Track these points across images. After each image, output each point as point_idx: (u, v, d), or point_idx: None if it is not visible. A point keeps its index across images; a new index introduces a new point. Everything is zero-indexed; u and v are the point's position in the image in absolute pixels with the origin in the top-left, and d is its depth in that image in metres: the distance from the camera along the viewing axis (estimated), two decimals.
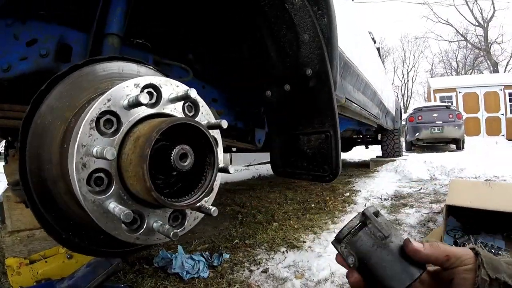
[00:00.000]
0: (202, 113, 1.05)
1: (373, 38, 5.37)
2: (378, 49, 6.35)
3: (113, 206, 0.83)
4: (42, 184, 0.92)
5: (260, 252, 2.46)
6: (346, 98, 2.59)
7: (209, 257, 2.23)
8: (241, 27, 1.94)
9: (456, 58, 42.32)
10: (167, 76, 1.15)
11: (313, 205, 3.87)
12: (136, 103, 0.83)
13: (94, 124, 0.83)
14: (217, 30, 2.11)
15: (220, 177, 1.14)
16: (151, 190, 0.78)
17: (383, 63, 7.33)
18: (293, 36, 1.71)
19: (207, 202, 1.10)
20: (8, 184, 2.50)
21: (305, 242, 2.61)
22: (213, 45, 2.27)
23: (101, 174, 0.85)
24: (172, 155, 0.84)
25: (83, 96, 0.99)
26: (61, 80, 0.98)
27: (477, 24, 34.23)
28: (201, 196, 0.92)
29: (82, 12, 1.66)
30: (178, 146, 0.85)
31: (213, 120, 1.02)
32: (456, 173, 5.45)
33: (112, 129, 0.86)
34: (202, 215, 1.05)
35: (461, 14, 35.14)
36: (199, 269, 2.06)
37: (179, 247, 2.26)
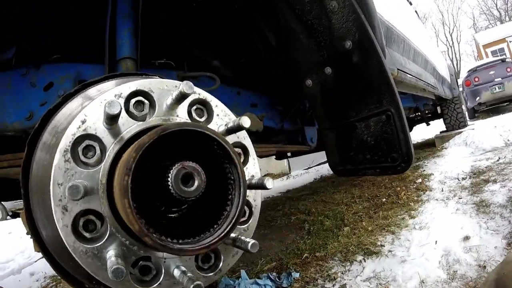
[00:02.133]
0: (217, 114, 0.81)
1: (408, 0, 4.85)
2: (416, 11, 5.77)
3: (109, 256, 0.62)
4: (51, 234, 0.74)
5: (333, 264, 2.15)
6: (398, 69, 2.22)
7: (277, 279, 1.99)
8: (262, 17, 1.72)
9: (496, 5, 38.81)
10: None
11: (384, 199, 3.45)
12: (112, 117, 0.61)
13: (69, 155, 0.63)
14: (238, 27, 1.91)
15: (260, 195, 0.89)
16: (143, 233, 0.56)
17: (424, 27, 6.66)
18: (319, 8, 1.46)
19: (247, 231, 0.84)
20: (26, 234, 2.53)
21: (384, 246, 2.25)
22: (237, 45, 2.07)
23: (91, 217, 0.64)
24: (169, 179, 0.60)
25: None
26: (55, 113, 0.81)
27: None
28: (227, 229, 0.67)
29: (94, 44, 1.59)
30: (176, 165, 0.61)
31: (243, 117, 0.76)
32: None
33: (95, 157, 0.65)
34: (242, 251, 0.80)
35: None
36: None
37: (242, 271, 2.03)
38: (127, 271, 0.62)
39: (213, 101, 0.82)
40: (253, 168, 0.86)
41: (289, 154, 4.07)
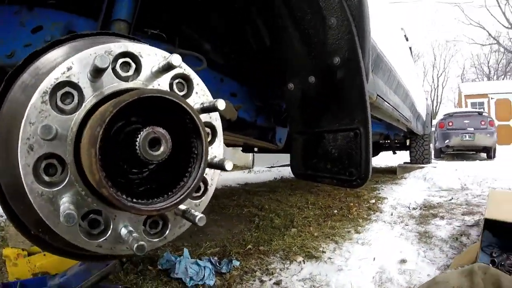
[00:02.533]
0: (196, 92, 0.85)
1: (405, 35, 5.02)
2: (410, 48, 5.99)
3: (62, 202, 0.64)
4: (9, 173, 0.74)
5: (274, 260, 2.23)
6: (377, 95, 2.33)
7: (217, 263, 2.03)
8: (260, 15, 1.75)
9: (488, 63, 40.96)
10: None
11: (336, 211, 3.60)
12: (98, 70, 0.63)
13: (47, 97, 0.64)
14: (234, 17, 1.93)
15: (218, 175, 0.93)
16: (102, 185, 0.58)
17: (414, 64, 6.94)
18: (319, 21, 1.51)
19: (198, 206, 0.88)
20: None
21: (325, 252, 2.36)
22: (230, 34, 2.08)
23: (53, 161, 0.66)
24: (137, 140, 0.63)
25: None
26: (40, 55, 0.81)
27: (509, 26, 32.67)
28: (180, 199, 0.70)
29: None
30: (147, 128, 0.64)
31: (219, 101, 0.80)
32: (489, 183, 5.01)
33: (72, 105, 0.67)
34: (189, 223, 0.84)
35: (493, 16, 33.30)
36: (204, 276, 1.86)
37: (185, 250, 2.07)
38: (78, 216, 0.64)
39: (195, 79, 0.85)
40: (217, 149, 0.90)
41: (255, 149, 4.13)
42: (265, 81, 2.29)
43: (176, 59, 0.70)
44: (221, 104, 0.78)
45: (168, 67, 0.71)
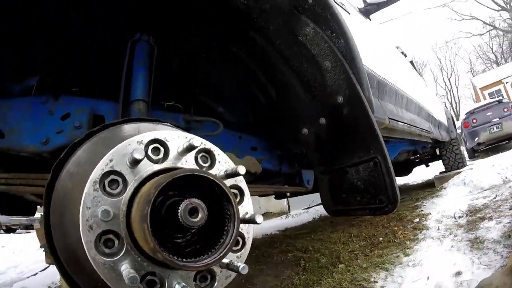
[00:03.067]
0: (219, 161, 1.00)
1: (402, 52, 5.13)
2: (411, 62, 6.06)
3: (123, 269, 0.77)
4: (68, 248, 0.89)
5: None
6: (389, 118, 2.42)
7: None
8: (263, 73, 1.92)
9: (492, 49, 40.15)
10: (187, 131, 1.11)
11: (381, 238, 3.53)
12: (136, 161, 0.79)
13: (97, 185, 0.80)
14: (240, 79, 2.12)
15: (252, 229, 1.05)
16: (156, 250, 0.72)
17: (420, 75, 6.92)
18: (315, 67, 1.66)
19: (240, 258, 1.00)
20: (40, 247, 2.63)
21: (377, 282, 2.33)
22: (242, 96, 2.27)
23: (111, 236, 0.81)
24: (179, 211, 0.77)
25: (98, 159, 0.98)
26: (78, 147, 0.99)
27: (500, 8, 32.46)
28: (222, 254, 0.84)
29: (110, 83, 1.79)
30: (185, 201, 0.78)
31: (240, 166, 0.95)
32: None
33: (118, 189, 0.83)
34: (235, 273, 0.95)
35: (482, 4, 33.62)
36: None
37: None
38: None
39: (216, 151, 1.00)
40: (247, 206, 1.03)
41: (288, 194, 4.21)
42: (280, 131, 2.43)
43: (196, 140, 0.87)
44: (241, 169, 0.93)
45: (191, 147, 0.87)
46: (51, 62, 1.81)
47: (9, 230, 12.72)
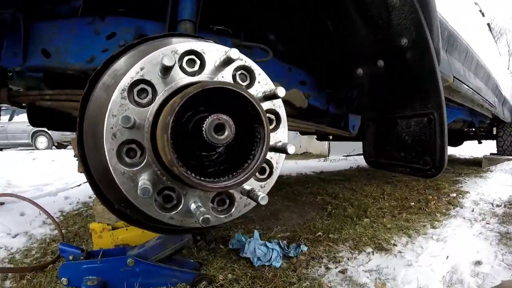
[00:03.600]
0: (259, 82, 0.91)
1: (480, 10, 4.49)
2: (488, 24, 5.32)
3: (141, 179, 0.75)
4: (95, 157, 0.89)
5: (343, 249, 2.23)
6: (454, 77, 2.17)
7: (286, 247, 2.10)
8: (323, 5, 1.74)
9: None
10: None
11: (413, 203, 3.42)
12: (166, 68, 0.73)
13: (125, 93, 0.76)
14: (298, 7, 1.94)
15: (283, 159, 0.98)
16: (173, 164, 0.69)
17: (495, 43, 6.10)
18: (380, 2, 1.48)
19: (264, 187, 0.95)
20: (74, 156, 2.77)
21: (396, 246, 2.29)
22: (294, 24, 2.10)
23: (133, 146, 0.79)
24: (204, 126, 0.72)
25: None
26: (117, 59, 0.95)
27: None
28: (242, 179, 0.79)
29: (157, 3, 1.72)
30: (212, 115, 0.72)
31: (279, 88, 0.85)
32: None
33: (147, 99, 0.78)
34: (254, 203, 0.91)
35: None
36: (271, 257, 1.94)
37: (255, 232, 2.17)
38: (153, 192, 0.75)
39: (257, 70, 0.91)
40: (281, 134, 0.96)
41: (330, 137, 4.10)
42: (333, 68, 2.27)
43: (234, 53, 0.77)
44: (280, 91, 0.83)
45: (228, 60, 0.79)
46: None
47: (60, 146, 13.80)
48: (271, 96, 0.85)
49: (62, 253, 1.76)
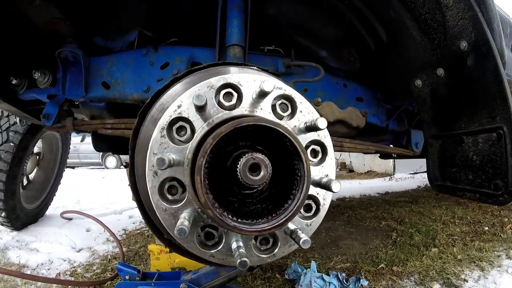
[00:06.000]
0: (301, 111, 0.85)
1: None
2: None
3: (181, 217, 0.74)
4: (145, 189, 0.91)
5: (407, 284, 2.04)
6: None
7: (344, 280, 1.98)
8: (371, 10, 1.67)
9: None
10: (275, 75, 0.99)
11: (487, 228, 3.07)
12: (199, 107, 0.72)
13: (165, 131, 0.77)
14: (345, 18, 1.88)
15: (331, 195, 0.89)
16: (207, 207, 0.67)
17: None
18: (432, 2, 1.36)
19: (310, 226, 0.88)
20: (128, 185, 2.94)
21: (467, 281, 2.04)
22: (345, 37, 2.04)
23: (175, 183, 0.78)
24: (238, 166, 0.69)
25: None
26: (163, 92, 0.97)
27: None
28: (282, 221, 0.74)
29: (207, 30, 1.80)
30: (246, 155, 0.69)
31: (319, 119, 0.78)
32: None
33: (186, 136, 0.78)
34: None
35: None
36: None
37: (313, 262, 2.08)
38: (191, 231, 0.74)
39: (298, 98, 0.85)
40: (328, 168, 0.88)
41: (394, 154, 3.87)
42: (390, 81, 2.15)
43: (267, 85, 0.73)
44: (321, 123, 0.77)
45: (263, 93, 0.75)
46: (151, 17, 1.90)
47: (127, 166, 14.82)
48: (313, 128, 0.80)
49: (119, 272, 1.83)
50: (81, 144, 14.48)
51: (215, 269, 1.70)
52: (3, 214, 2.91)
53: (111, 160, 14.62)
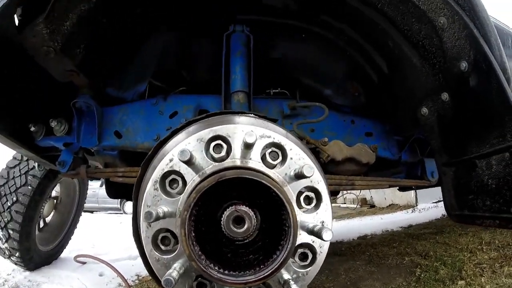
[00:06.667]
0: (291, 158, 0.86)
1: None
2: None
3: (173, 268, 0.75)
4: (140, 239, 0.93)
5: None
6: None
7: None
8: (370, 43, 1.69)
9: None
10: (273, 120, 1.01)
11: None
12: (186, 162, 0.75)
13: (157, 185, 0.80)
14: (345, 56, 1.92)
15: (328, 243, 0.87)
16: (191, 258, 0.69)
17: None
18: (427, 27, 1.36)
19: (306, 275, 0.85)
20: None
21: None
22: (348, 74, 2.07)
23: (168, 235, 0.80)
24: (222, 218, 0.71)
25: None
26: (164, 143, 1.01)
27: None
28: (267, 273, 0.73)
29: (214, 78, 1.87)
30: (230, 208, 0.71)
31: (306, 166, 0.79)
32: None
33: (178, 189, 0.81)
34: None
35: None
36: None
37: None
38: (183, 281, 0.76)
39: (288, 145, 0.86)
40: (323, 214, 0.87)
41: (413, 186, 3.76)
42: (397, 112, 2.12)
43: (249, 138, 0.74)
44: (307, 170, 0.78)
45: (247, 144, 0.77)
46: (161, 70, 2.00)
47: None
48: (301, 175, 0.80)
49: None
50: (100, 189, 14.67)
51: None
52: (17, 254, 2.97)
53: (130, 205, 14.73)
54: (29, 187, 2.89)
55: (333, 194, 4.55)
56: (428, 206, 7.33)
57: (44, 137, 2.00)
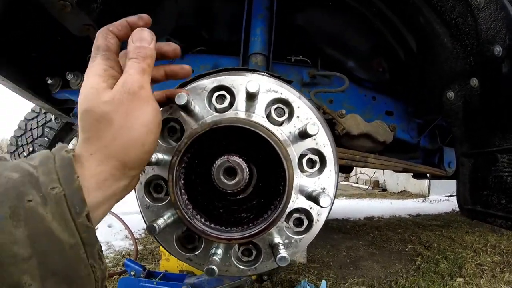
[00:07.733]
0: (297, 116, 0.78)
1: None
2: None
3: (162, 215, 0.72)
4: None
5: None
6: None
7: None
8: (400, 18, 1.60)
9: None
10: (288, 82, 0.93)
11: None
12: (182, 107, 0.70)
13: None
14: (372, 28, 1.82)
15: (327, 211, 0.81)
16: (176, 206, 0.66)
17: None
18: (462, 4, 1.26)
19: (300, 242, 0.80)
20: None
21: None
22: (374, 47, 1.97)
23: (161, 182, 0.78)
24: (212, 168, 0.67)
25: None
26: None
27: None
28: (254, 232, 0.69)
29: (233, 39, 1.84)
30: (222, 157, 0.67)
31: (310, 123, 0.71)
32: None
33: (175, 137, 0.77)
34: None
35: None
36: None
37: (323, 282, 1.98)
38: (171, 231, 0.74)
39: (295, 102, 0.78)
40: (326, 180, 0.80)
41: (428, 174, 3.68)
42: (421, 93, 2.02)
43: (251, 86, 0.68)
44: (311, 128, 0.71)
45: (250, 95, 0.71)
46: (180, 27, 1.94)
47: None
48: (304, 134, 0.74)
49: (126, 267, 1.90)
50: None
51: (218, 277, 1.69)
52: None
53: None
54: (46, 139, 2.97)
55: (346, 170, 4.49)
56: (440, 198, 7.25)
57: (60, 89, 2.02)
